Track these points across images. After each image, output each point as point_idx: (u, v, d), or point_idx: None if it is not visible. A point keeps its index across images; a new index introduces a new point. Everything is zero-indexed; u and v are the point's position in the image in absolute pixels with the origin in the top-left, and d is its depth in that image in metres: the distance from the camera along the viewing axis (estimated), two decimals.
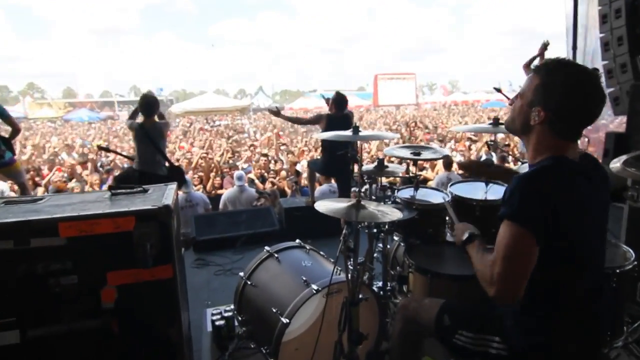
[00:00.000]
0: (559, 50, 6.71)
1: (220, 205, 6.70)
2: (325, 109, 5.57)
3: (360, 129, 2.49)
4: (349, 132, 2.51)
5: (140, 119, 4.92)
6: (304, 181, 7.46)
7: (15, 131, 4.89)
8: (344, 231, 2.34)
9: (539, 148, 1.49)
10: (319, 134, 2.78)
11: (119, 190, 2.08)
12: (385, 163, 2.71)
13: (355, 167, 2.70)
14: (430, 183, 7.33)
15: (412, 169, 2.92)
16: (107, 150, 6.69)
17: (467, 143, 9.85)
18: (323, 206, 2.10)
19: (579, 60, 6.49)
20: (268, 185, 7.73)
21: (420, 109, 34.91)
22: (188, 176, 7.05)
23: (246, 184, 6.98)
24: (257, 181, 7.92)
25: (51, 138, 16.46)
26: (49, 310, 1.76)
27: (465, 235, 1.64)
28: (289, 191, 7.38)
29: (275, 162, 8.90)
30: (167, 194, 2.01)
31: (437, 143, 10.77)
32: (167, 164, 4.99)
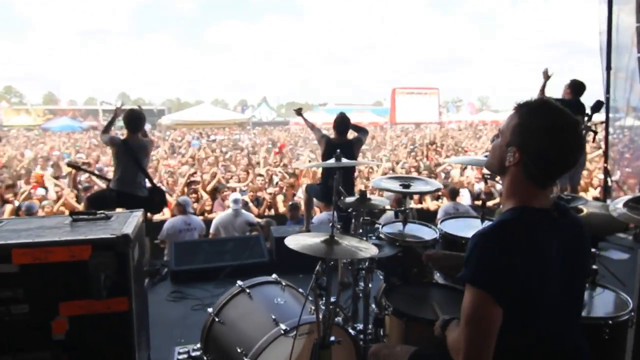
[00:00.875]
0: (596, 66, 6.86)
1: (212, 230, 6.71)
2: None
3: (342, 157, 2.68)
4: (331, 160, 2.69)
5: (123, 134, 5.15)
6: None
7: None
8: (317, 267, 2.50)
9: (509, 192, 1.60)
10: (298, 164, 2.92)
11: (80, 217, 2.27)
12: (369, 195, 2.87)
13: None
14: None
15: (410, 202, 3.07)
16: (77, 168, 6.77)
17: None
18: (293, 241, 2.25)
19: (614, 81, 6.65)
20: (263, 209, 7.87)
21: (444, 128, 35.13)
22: (185, 197, 7.21)
23: (241, 209, 7.01)
24: (251, 205, 8.07)
25: (25, 150, 16.86)
26: None
27: (440, 324, 1.75)
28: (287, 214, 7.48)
29: (269, 182, 9.08)
30: (129, 222, 2.20)
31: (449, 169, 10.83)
32: (148, 184, 5.18)
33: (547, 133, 1.49)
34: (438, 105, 40.45)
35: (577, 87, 5.70)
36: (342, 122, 5.26)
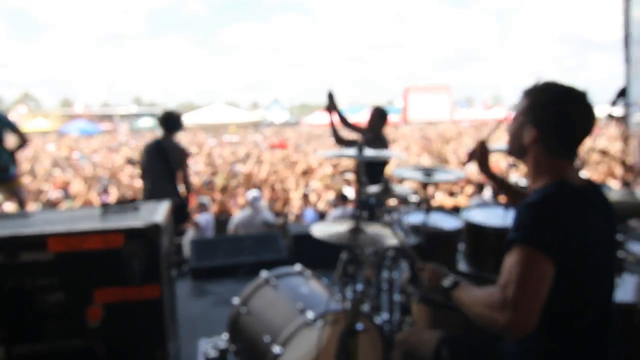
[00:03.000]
0: (613, 60, 6.77)
1: (231, 230, 6.75)
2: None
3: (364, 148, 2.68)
4: (353, 151, 2.70)
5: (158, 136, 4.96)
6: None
7: (24, 142, 5.26)
8: (343, 256, 2.51)
9: (536, 170, 1.65)
10: (320, 153, 2.93)
11: (110, 208, 2.31)
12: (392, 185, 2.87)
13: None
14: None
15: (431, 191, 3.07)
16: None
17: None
18: (319, 230, 2.28)
19: (635, 74, 6.57)
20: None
21: (458, 125, 34.91)
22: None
23: (262, 207, 7.01)
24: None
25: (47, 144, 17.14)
26: (35, 328, 1.97)
27: (448, 282, 1.74)
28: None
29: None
30: (158, 212, 2.23)
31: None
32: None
33: (557, 104, 1.58)
34: (450, 103, 40.29)
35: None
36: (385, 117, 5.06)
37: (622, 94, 2.97)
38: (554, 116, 1.58)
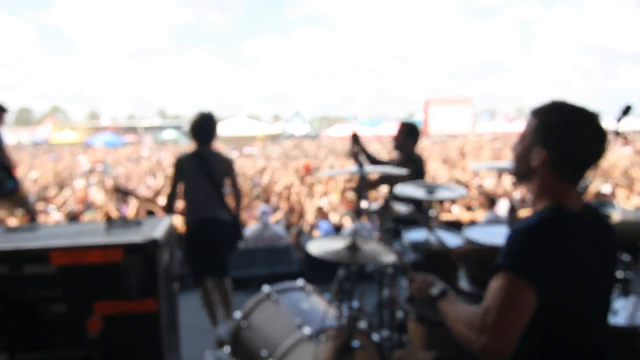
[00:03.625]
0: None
1: (240, 243, 6.88)
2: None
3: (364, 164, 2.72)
4: (355, 167, 2.75)
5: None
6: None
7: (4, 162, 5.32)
8: (339, 273, 2.54)
9: (540, 193, 1.61)
10: (322, 172, 2.92)
11: (114, 222, 2.40)
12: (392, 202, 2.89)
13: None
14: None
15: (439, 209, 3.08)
16: (125, 193, 6.08)
17: None
18: (316, 246, 2.31)
19: None
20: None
21: (477, 138, 34.56)
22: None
23: (271, 221, 7.10)
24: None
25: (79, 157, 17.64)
26: (38, 337, 2.05)
27: (436, 291, 1.72)
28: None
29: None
30: (158, 227, 2.30)
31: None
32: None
33: (568, 125, 1.53)
34: (472, 116, 39.96)
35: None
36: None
37: (627, 111, 2.91)
38: (566, 137, 1.53)
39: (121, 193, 5.67)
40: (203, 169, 3.91)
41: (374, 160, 4.44)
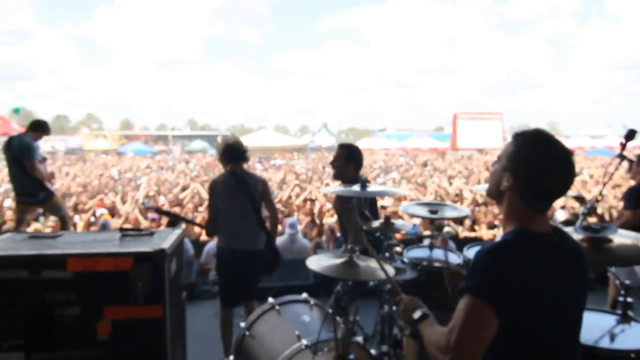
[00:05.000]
0: None
1: None
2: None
3: (368, 183, 2.83)
4: (356, 187, 2.85)
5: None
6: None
7: (37, 176, 5.58)
8: (337, 287, 2.65)
9: (507, 217, 1.68)
10: (326, 188, 3.03)
11: (128, 232, 2.58)
12: (393, 220, 2.99)
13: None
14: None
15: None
16: (163, 213, 6.02)
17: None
18: (314, 263, 2.43)
19: None
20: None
21: None
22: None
23: (299, 233, 7.13)
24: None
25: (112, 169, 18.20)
26: (52, 338, 2.24)
27: (418, 314, 1.81)
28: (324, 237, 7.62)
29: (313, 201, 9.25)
30: (168, 239, 2.48)
31: None
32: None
33: (538, 160, 1.58)
34: (502, 131, 39.37)
35: None
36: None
37: (631, 136, 2.94)
38: (533, 170, 1.58)
39: (162, 214, 5.76)
40: (241, 191, 3.75)
41: None
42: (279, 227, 6.73)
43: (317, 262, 2.44)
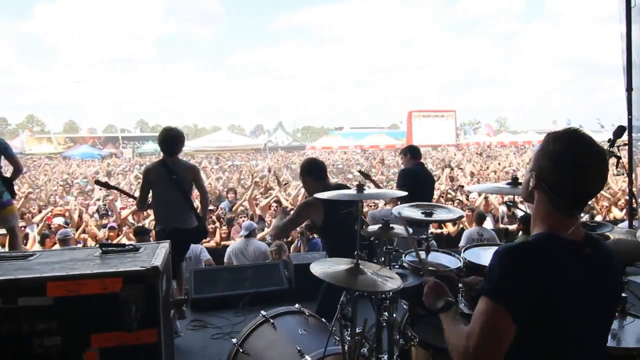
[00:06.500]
0: (618, 85, 6.80)
1: (225, 259, 6.81)
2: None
3: (365, 187, 2.73)
4: (352, 191, 2.74)
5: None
6: None
7: (17, 171, 5.35)
8: (341, 298, 2.53)
9: (535, 218, 1.63)
10: (319, 193, 2.92)
11: (109, 249, 2.34)
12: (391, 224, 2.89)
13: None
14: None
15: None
16: (106, 186, 5.89)
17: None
18: (319, 270, 2.30)
19: (637, 101, 6.56)
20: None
21: (462, 150, 35.01)
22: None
23: (255, 237, 7.08)
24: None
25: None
26: None
27: (442, 303, 1.75)
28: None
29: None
30: (157, 254, 2.26)
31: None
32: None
33: (560, 156, 1.53)
34: (455, 128, 40.49)
35: (415, 152, 6.09)
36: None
37: (620, 133, 2.99)
38: (555, 167, 1.54)
39: (102, 185, 5.73)
40: (171, 178, 4.39)
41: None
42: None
43: (322, 269, 2.31)
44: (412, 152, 6.06)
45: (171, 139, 4.52)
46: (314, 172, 3.99)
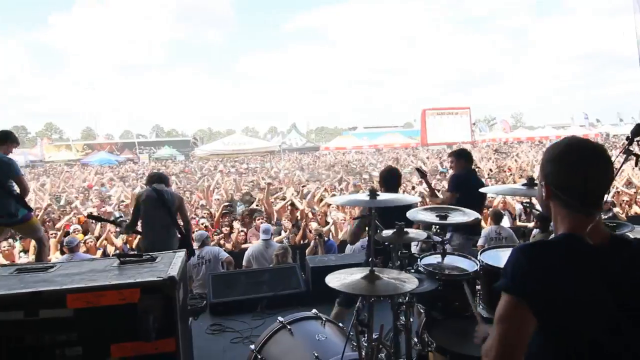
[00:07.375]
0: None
1: (244, 262, 6.82)
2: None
3: (378, 193, 2.71)
4: (365, 197, 2.73)
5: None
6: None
7: (24, 191, 5.38)
8: (357, 304, 2.52)
9: (555, 223, 1.64)
10: (331, 199, 2.92)
11: (127, 259, 2.38)
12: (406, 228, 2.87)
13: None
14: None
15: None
16: (96, 219, 6.58)
17: None
18: (334, 279, 2.30)
19: None
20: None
21: (476, 147, 34.63)
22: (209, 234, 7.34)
23: (273, 239, 7.11)
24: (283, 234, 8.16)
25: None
26: None
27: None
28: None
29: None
30: (174, 264, 2.29)
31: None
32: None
33: (558, 157, 1.58)
34: (470, 125, 40.10)
35: (469, 156, 5.72)
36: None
37: (638, 132, 2.93)
38: (557, 168, 1.58)
39: (94, 219, 6.10)
40: (162, 205, 4.92)
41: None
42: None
43: (338, 279, 2.31)
44: (466, 156, 5.62)
45: (159, 176, 5.33)
46: (388, 183, 4.26)
